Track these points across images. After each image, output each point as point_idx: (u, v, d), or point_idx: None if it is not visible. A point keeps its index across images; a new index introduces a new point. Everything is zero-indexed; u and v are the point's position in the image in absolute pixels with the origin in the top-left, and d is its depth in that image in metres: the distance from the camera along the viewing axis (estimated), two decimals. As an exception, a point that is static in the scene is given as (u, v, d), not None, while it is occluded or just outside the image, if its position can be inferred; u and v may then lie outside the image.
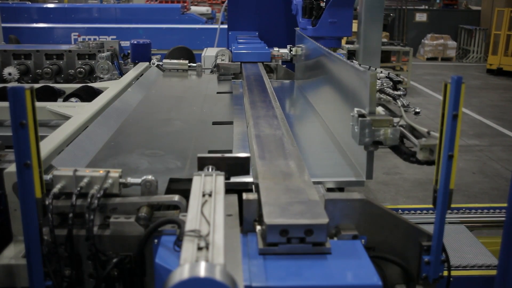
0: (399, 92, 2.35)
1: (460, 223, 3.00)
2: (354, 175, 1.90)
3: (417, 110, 2.16)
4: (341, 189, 2.03)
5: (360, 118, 1.69)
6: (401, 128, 1.73)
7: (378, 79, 2.56)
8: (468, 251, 2.60)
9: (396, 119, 1.76)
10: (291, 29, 4.58)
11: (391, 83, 2.53)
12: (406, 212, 3.15)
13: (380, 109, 1.82)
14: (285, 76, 4.14)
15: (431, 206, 1.49)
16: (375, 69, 2.67)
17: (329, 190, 1.83)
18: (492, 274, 2.37)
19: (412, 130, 1.76)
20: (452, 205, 1.50)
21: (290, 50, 3.99)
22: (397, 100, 2.22)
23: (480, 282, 2.43)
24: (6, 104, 1.28)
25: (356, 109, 1.78)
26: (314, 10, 4.35)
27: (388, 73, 2.70)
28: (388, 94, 2.34)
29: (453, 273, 2.24)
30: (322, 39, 4.19)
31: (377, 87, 2.24)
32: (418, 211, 3.16)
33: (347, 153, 2.11)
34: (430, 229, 1.51)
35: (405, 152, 1.69)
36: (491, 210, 3.22)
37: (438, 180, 1.44)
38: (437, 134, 1.57)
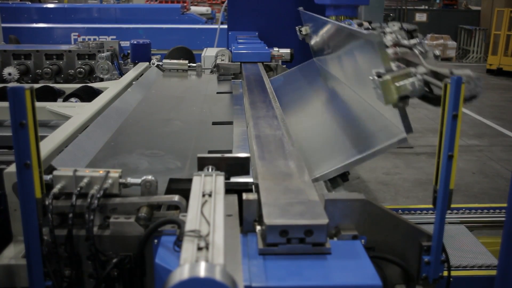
0: (415, 41, 2.27)
1: (460, 223, 2.99)
2: (395, 136, 1.86)
3: (437, 54, 2.09)
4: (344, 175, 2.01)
5: (379, 79, 1.67)
6: (424, 76, 1.68)
7: (391, 33, 2.48)
8: (468, 251, 2.60)
9: (413, 69, 1.71)
10: (291, 29, 4.58)
11: (406, 33, 2.41)
12: (406, 212, 3.15)
13: (393, 65, 1.79)
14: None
15: (431, 206, 1.49)
16: (387, 23, 2.57)
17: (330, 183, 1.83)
18: (492, 274, 2.37)
19: (436, 75, 1.70)
20: (452, 205, 1.50)
21: (300, 31, 3.94)
22: (414, 49, 2.12)
23: (480, 282, 2.42)
24: (6, 104, 1.28)
25: (374, 70, 1.76)
26: None
27: (401, 24, 2.60)
28: (403, 46, 2.27)
29: (453, 273, 2.23)
30: (339, 8, 4.12)
31: (392, 42, 2.16)
32: (418, 211, 3.16)
33: (385, 115, 2.08)
34: (430, 229, 1.51)
35: (433, 98, 1.66)
36: (491, 210, 3.22)
37: (438, 180, 1.44)
38: (462, 71, 1.54)
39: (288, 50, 4.11)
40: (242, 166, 1.69)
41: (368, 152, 1.86)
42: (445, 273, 1.54)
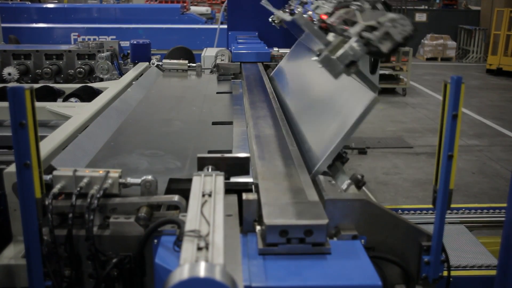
0: None
1: (460, 223, 3.00)
2: (367, 99, 1.80)
3: None
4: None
5: (317, 58, 1.64)
6: (363, 33, 1.59)
7: None
8: (467, 251, 2.60)
9: (348, 32, 1.66)
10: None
11: None
12: (406, 212, 3.15)
13: (330, 36, 1.74)
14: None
15: (430, 206, 1.49)
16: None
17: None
18: (492, 274, 2.37)
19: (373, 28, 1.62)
20: (452, 205, 1.49)
21: (273, 21, 3.91)
22: (351, 6, 1.98)
23: (480, 282, 2.42)
24: (6, 104, 1.28)
25: (315, 49, 1.72)
26: None
27: None
28: (344, 6, 2.07)
29: (453, 273, 2.23)
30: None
31: (332, 7, 1.99)
32: (418, 211, 3.16)
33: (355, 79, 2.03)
34: (429, 229, 1.51)
35: (377, 52, 1.62)
36: (491, 210, 3.22)
37: (437, 180, 1.44)
38: (385, 17, 1.50)
39: (288, 50, 4.11)
40: (242, 166, 1.69)
41: (348, 128, 1.77)
42: (445, 273, 1.54)
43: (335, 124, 1.92)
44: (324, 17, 1.76)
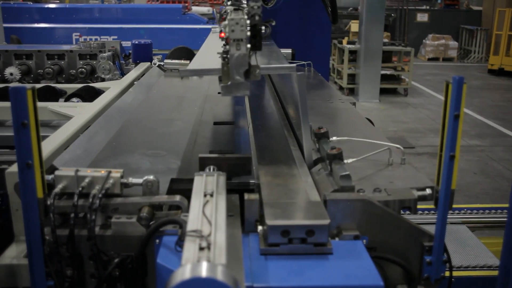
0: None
1: (462, 224, 2.99)
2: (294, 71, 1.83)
3: None
4: None
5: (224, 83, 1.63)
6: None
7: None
8: (469, 252, 2.60)
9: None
10: (292, 29, 4.58)
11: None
12: (408, 212, 3.14)
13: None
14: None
15: (432, 206, 1.48)
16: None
17: None
18: (493, 274, 2.36)
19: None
20: (454, 206, 1.49)
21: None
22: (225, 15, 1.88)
23: (482, 282, 2.42)
24: (7, 104, 1.28)
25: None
26: None
27: None
28: (223, 19, 1.94)
29: (455, 273, 2.23)
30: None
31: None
32: (420, 212, 3.15)
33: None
34: (431, 229, 1.51)
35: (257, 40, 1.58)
36: (493, 211, 3.22)
37: (439, 180, 1.44)
38: (224, 25, 1.49)
39: (289, 50, 4.10)
40: (243, 166, 1.69)
41: (301, 112, 1.82)
42: (447, 274, 1.54)
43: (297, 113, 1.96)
44: (223, 35, 1.72)
